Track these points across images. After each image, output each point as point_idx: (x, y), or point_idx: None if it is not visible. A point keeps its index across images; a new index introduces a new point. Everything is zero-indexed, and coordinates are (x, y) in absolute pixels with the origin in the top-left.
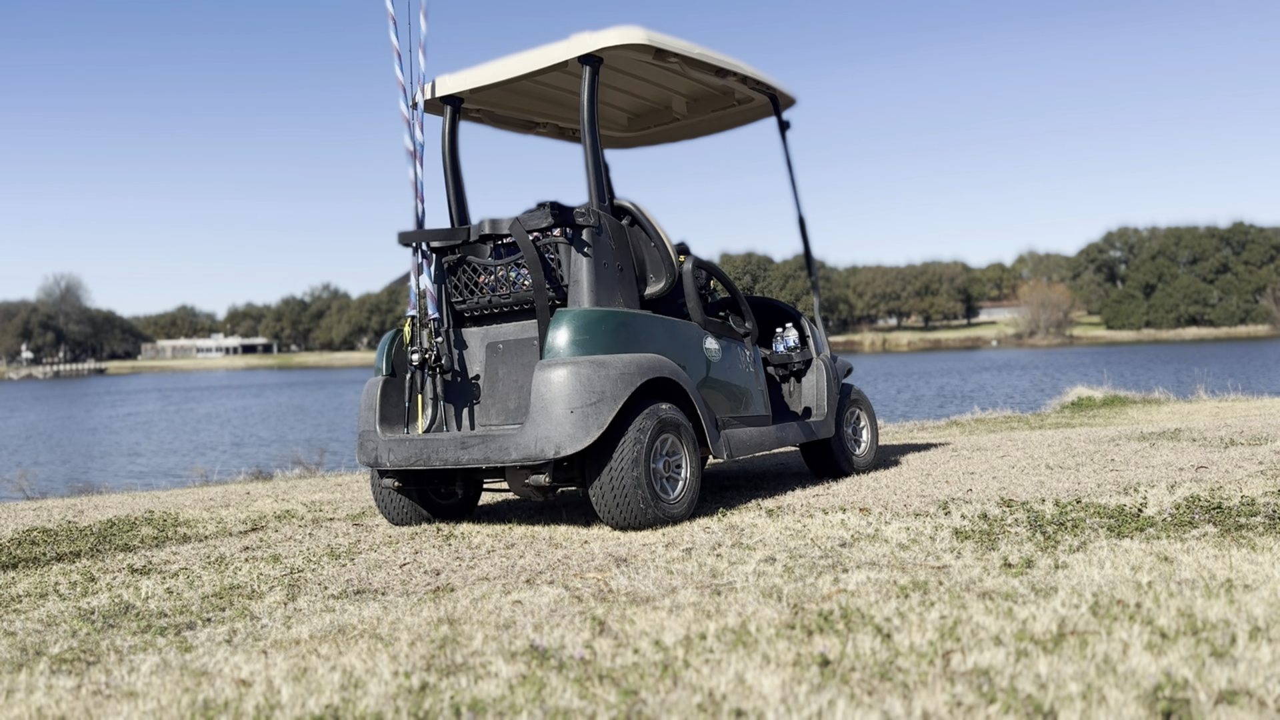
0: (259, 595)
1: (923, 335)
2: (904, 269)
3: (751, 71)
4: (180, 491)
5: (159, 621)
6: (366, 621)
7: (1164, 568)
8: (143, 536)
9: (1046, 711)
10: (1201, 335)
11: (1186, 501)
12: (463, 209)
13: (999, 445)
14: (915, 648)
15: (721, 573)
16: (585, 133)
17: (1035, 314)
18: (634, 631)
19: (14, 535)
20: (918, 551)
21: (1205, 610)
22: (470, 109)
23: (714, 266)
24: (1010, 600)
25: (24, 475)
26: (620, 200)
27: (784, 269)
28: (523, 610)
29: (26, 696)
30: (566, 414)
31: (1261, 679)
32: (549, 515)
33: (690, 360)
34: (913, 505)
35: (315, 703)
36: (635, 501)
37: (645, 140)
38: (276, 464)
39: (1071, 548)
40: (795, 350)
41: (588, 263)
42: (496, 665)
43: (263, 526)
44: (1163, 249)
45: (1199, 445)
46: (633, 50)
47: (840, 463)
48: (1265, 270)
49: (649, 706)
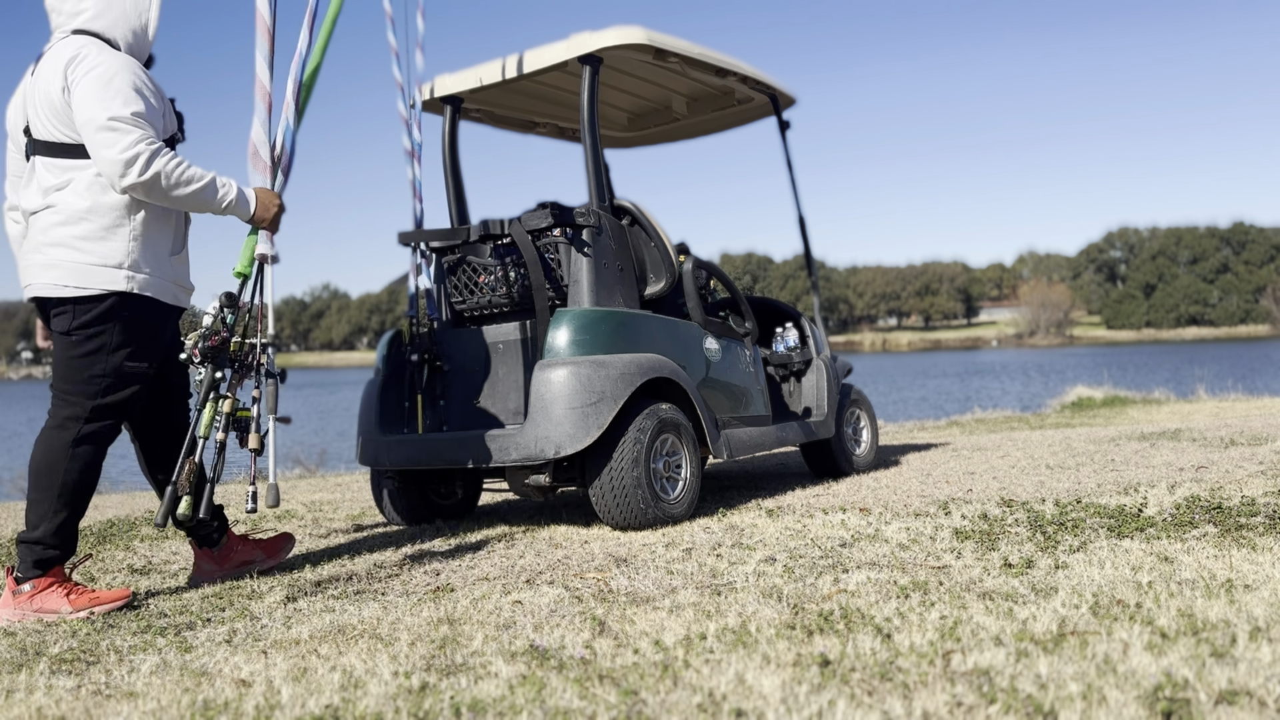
0: (259, 595)
1: (923, 335)
2: (904, 269)
3: (751, 71)
4: None
5: (159, 621)
6: (366, 621)
7: (1164, 568)
8: (142, 536)
9: (1047, 712)
10: (1202, 335)
11: (1187, 501)
12: (462, 209)
13: (999, 445)
14: (915, 648)
15: (721, 573)
16: (585, 133)
17: (1035, 314)
18: (634, 631)
19: (13, 535)
20: (918, 551)
21: (1205, 610)
22: (470, 109)
23: (714, 266)
24: (1010, 600)
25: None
26: (620, 200)
27: (784, 269)
28: (523, 610)
29: (26, 696)
30: (566, 414)
31: (1262, 679)
32: (549, 515)
33: (690, 360)
34: (913, 505)
35: (315, 703)
36: (635, 501)
37: (645, 140)
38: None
39: (1072, 548)
40: (795, 350)
41: (588, 263)
42: (496, 665)
43: (262, 526)
44: (1163, 249)
45: (1199, 445)
46: (633, 50)
47: (840, 463)
48: (1265, 270)
49: (649, 707)
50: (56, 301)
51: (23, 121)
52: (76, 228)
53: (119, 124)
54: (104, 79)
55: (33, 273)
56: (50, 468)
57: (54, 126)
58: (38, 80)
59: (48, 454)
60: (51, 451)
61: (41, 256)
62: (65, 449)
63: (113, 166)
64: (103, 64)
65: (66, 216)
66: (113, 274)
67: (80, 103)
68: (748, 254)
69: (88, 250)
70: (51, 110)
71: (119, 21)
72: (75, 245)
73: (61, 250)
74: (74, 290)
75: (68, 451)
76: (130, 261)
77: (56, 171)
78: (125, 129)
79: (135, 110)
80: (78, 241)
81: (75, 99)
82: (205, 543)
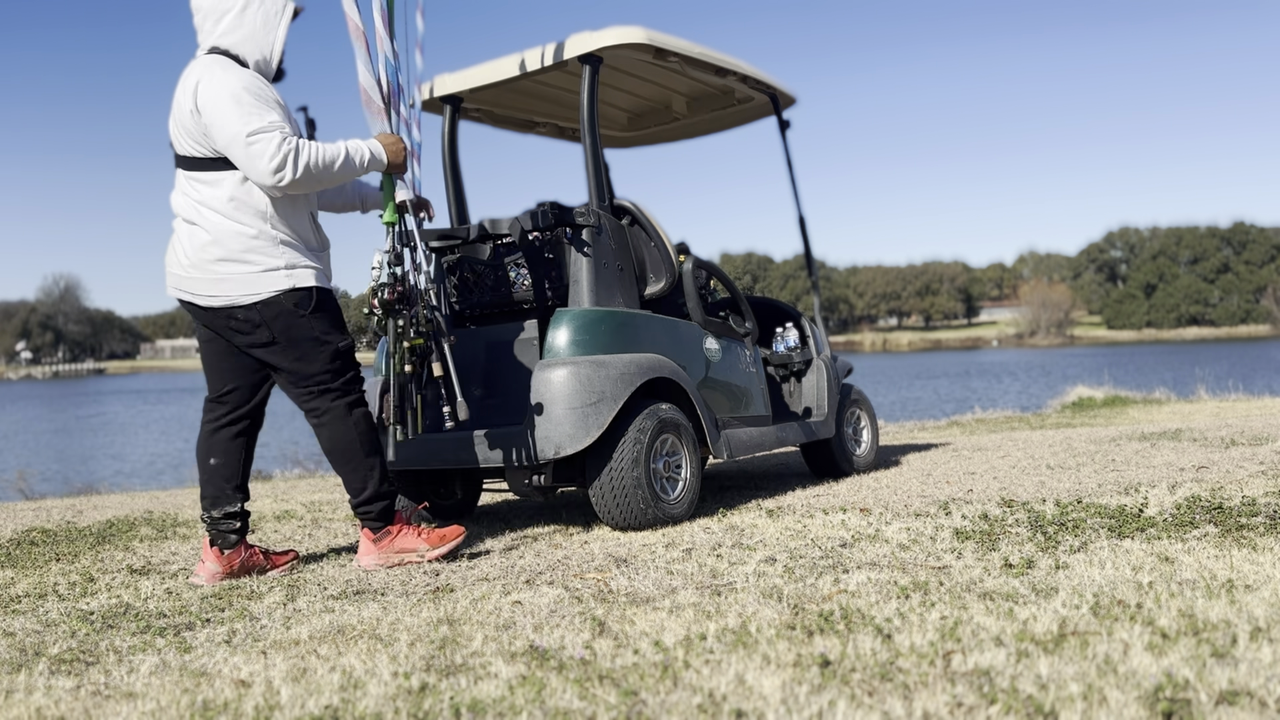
0: (258, 595)
1: (923, 335)
2: (904, 269)
3: (751, 71)
4: (179, 491)
5: (158, 622)
6: (366, 622)
7: (1165, 568)
8: (142, 536)
9: (1047, 712)
10: (1202, 335)
11: (1187, 502)
12: (462, 209)
13: (1000, 445)
14: (916, 648)
15: (722, 573)
16: (585, 132)
17: (1036, 314)
18: (634, 632)
19: (13, 535)
20: (918, 552)
21: (1206, 610)
22: (470, 108)
23: (714, 266)
24: (1011, 601)
25: (21, 476)
26: (620, 200)
27: (784, 269)
28: (523, 610)
29: (26, 697)
30: (566, 414)
31: (1262, 679)
32: (549, 515)
33: (690, 360)
34: (913, 505)
35: (315, 703)
36: (635, 501)
37: (645, 140)
38: (275, 464)
39: (1072, 548)
40: (795, 350)
41: (588, 263)
42: (496, 666)
43: (262, 527)
44: (1163, 249)
45: (1200, 445)
46: (633, 50)
47: (840, 463)
48: (1266, 270)
49: (649, 707)
50: (235, 315)
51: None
52: (230, 243)
53: (259, 136)
54: (232, 97)
55: (196, 285)
56: (347, 443)
57: (188, 142)
58: (176, 97)
59: (337, 436)
60: (338, 433)
61: (203, 273)
62: (346, 424)
63: (267, 176)
64: (227, 83)
65: (217, 234)
66: (278, 276)
67: (218, 125)
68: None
69: (248, 260)
70: (182, 127)
71: (248, 40)
72: (236, 258)
73: (225, 265)
74: (251, 297)
75: (349, 426)
76: (286, 261)
77: (197, 185)
78: (266, 138)
79: (270, 119)
80: (237, 254)
81: (210, 122)
82: (218, 542)
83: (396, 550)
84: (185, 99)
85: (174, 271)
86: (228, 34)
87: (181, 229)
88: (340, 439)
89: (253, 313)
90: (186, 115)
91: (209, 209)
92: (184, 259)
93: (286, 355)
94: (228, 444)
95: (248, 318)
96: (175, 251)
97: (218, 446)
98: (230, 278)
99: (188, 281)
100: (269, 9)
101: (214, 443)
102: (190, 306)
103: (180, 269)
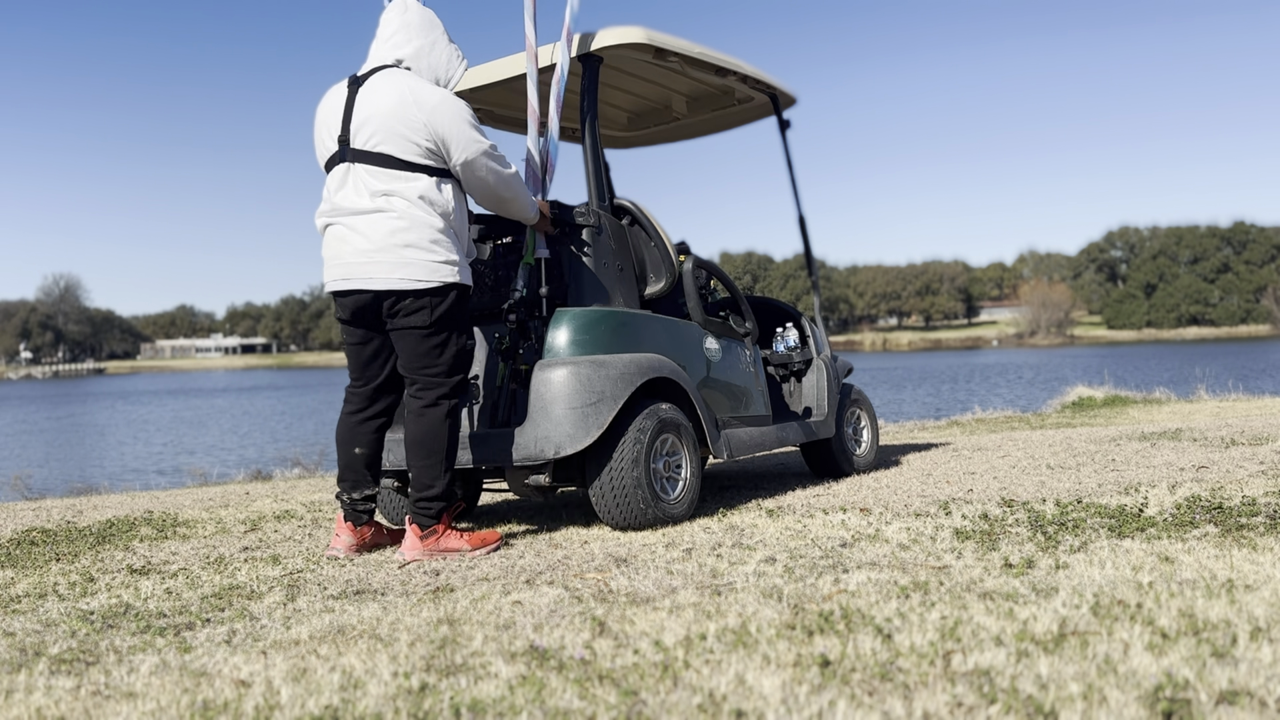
0: (258, 596)
1: (923, 335)
2: (904, 268)
3: (752, 71)
4: (179, 492)
5: (158, 622)
6: (366, 622)
7: (1165, 568)
8: (142, 536)
9: (1047, 712)
10: (1202, 335)
11: (1187, 501)
12: None
13: (1000, 445)
14: (916, 648)
15: (722, 573)
16: (585, 132)
17: (1036, 314)
18: (634, 632)
19: (13, 535)
20: (918, 552)
21: (1206, 610)
22: (471, 108)
23: (714, 266)
24: (1011, 600)
25: (18, 478)
26: (620, 200)
27: (784, 269)
28: (523, 610)
29: (26, 697)
30: (566, 414)
31: (1262, 679)
32: (549, 515)
33: (690, 360)
34: (913, 505)
35: (315, 703)
36: (635, 501)
37: (645, 140)
38: (276, 464)
39: (1072, 548)
40: (795, 350)
41: (588, 263)
42: (496, 666)
43: (262, 527)
44: (1164, 248)
45: (1200, 445)
46: (633, 50)
47: (841, 463)
48: (1266, 270)
49: (649, 707)
50: (407, 298)
51: (336, 131)
52: (419, 231)
53: (497, 151)
54: (465, 116)
55: (378, 269)
56: (434, 438)
57: (398, 142)
58: (370, 98)
59: (429, 429)
60: (432, 426)
61: (391, 256)
62: (442, 422)
63: (507, 184)
64: (456, 102)
65: (411, 221)
66: (450, 269)
67: (455, 137)
68: (748, 254)
69: (433, 250)
70: (386, 128)
71: (428, 71)
72: (424, 246)
73: (412, 251)
74: (426, 283)
75: (444, 424)
76: (458, 258)
77: (390, 180)
78: (502, 156)
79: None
80: (424, 242)
81: (444, 130)
82: (351, 519)
83: (440, 549)
84: (401, 106)
85: (348, 261)
86: (413, 60)
87: (357, 222)
88: (430, 433)
89: (423, 299)
90: (398, 121)
91: (400, 199)
92: (365, 245)
93: (427, 342)
94: (372, 435)
95: (417, 302)
96: (347, 243)
97: (363, 437)
98: (415, 262)
99: (368, 266)
100: (452, 52)
101: (360, 432)
102: (354, 295)
103: (358, 256)
